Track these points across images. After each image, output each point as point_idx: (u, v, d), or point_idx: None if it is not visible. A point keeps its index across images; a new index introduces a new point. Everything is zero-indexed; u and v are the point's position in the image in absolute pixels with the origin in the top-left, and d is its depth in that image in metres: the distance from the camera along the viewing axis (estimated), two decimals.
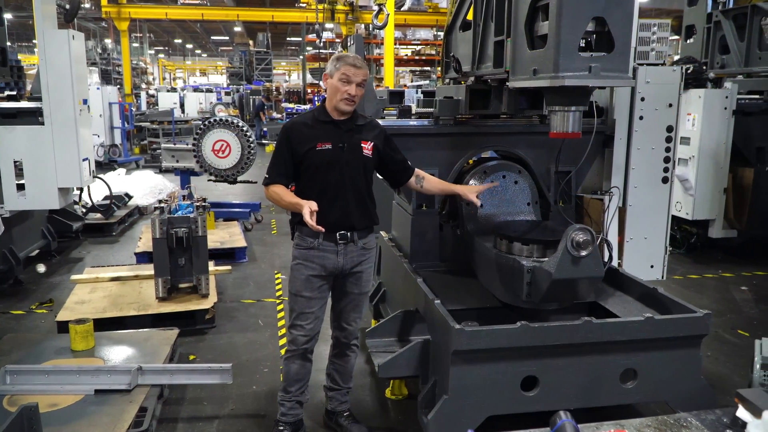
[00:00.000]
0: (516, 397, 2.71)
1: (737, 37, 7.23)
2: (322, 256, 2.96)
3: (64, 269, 6.22)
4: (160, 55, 49.25)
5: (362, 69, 2.91)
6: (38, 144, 5.13)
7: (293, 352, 3.08)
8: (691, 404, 2.62)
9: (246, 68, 30.19)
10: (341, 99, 2.89)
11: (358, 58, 2.94)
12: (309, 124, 2.98)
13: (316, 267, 2.98)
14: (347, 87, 2.87)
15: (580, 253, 2.70)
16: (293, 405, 3.14)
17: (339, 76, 2.87)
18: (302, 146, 2.92)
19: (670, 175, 3.88)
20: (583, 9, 2.57)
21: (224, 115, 7.86)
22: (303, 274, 2.99)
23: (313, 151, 2.91)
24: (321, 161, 2.91)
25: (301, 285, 3.00)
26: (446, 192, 3.34)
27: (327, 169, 2.92)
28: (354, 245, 3.01)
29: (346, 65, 2.88)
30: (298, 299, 3.02)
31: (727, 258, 6.62)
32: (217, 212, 7.76)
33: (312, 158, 2.91)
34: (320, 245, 2.95)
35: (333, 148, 2.92)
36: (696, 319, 2.78)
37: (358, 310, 3.20)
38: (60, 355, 3.72)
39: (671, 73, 3.80)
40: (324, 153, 2.91)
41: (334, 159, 2.92)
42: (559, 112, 2.85)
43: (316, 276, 2.99)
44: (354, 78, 2.87)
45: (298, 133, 2.95)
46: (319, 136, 2.93)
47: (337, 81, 2.88)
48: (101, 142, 13.39)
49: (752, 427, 0.96)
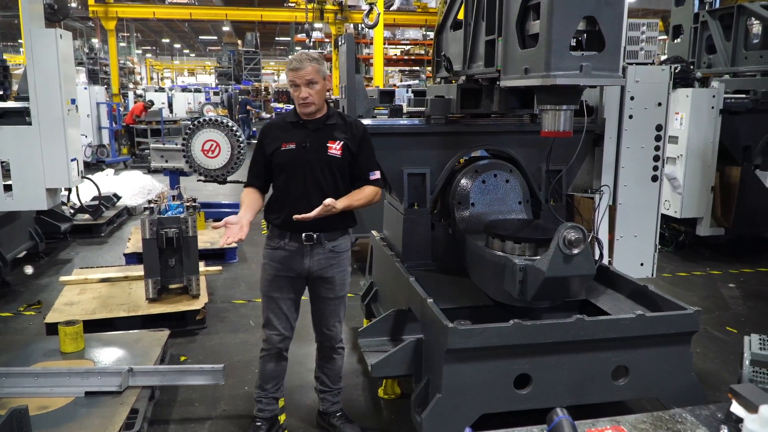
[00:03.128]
0: (509, 395, 2.72)
1: (723, 37, 7.31)
2: (288, 257, 2.95)
3: (53, 271, 6.16)
4: (147, 55, 48.92)
5: (304, 68, 2.83)
6: (25, 144, 5.08)
7: (268, 351, 3.09)
8: (681, 400, 2.64)
9: (234, 68, 30.06)
10: (298, 103, 2.92)
11: (298, 58, 2.89)
12: (281, 125, 3.02)
13: (282, 268, 2.97)
14: (297, 91, 2.88)
15: (571, 251, 2.72)
16: (270, 401, 3.17)
17: (289, 82, 2.91)
18: (271, 147, 2.95)
19: (659, 174, 3.91)
20: (574, 8, 2.58)
21: (214, 115, 7.82)
22: (270, 275, 2.99)
23: (278, 151, 2.92)
24: (284, 161, 2.92)
25: (269, 285, 3.01)
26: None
27: (290, 169, 2.92)
28: (321, 247, 2.96)
29: (288, 70, 2.90)
30: (266, 300, 3.04)
31: (715, 256, 6.69)
32: (207, 212, 7.72)
33: (277, 158, 2.94)
34: (286, 246, 2.94)
35: (296, 148, 2.91)
36: (686, 316, 2.81)
37: (336, 315, 3.15)
38: (49, 357, 3.68)
39: (660, 72, 3.83)
40: (286, 153, 2.91)
41: (297, 159, 2.91)
42: (550, 111, 2.86)
43: (283, 276, 2.98)
44: (298, 80, 2.85)
45: (270, 134, 3.00)
46: (286, 136, 2.95)
47: (291, 87, 2.91)
48: (89, 142, 13.29)
49: (749, 422, 0.96)
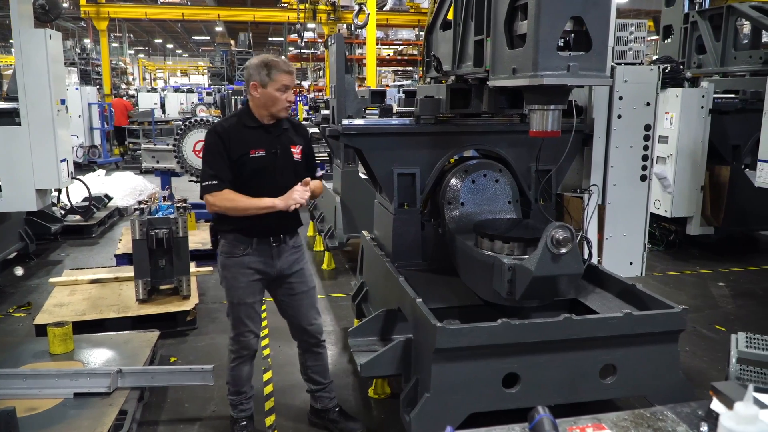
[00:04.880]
0: (497, 394, 2.73)
1: (713, 37, 7.35)
2: (258, 261, 2.97)
3: (43, 272, 6.13)
4: (140, 55, 48.75)
5: (294, 72, 2.90)
6: (15, 145, 5.06)
7: (242, 357, 3.09)
8: (669, 398, 2.65)
9: (227, 68, 29.96)
10: (282, 108, 2.87)
11: (287, 62, 2.89)
12: (239, 129, 2.90)
13: (252, 272, 2.98)
14: (286, 95, 2.85)
15: (559, 251, 2.73)
16: (248, 401, 3.20)
17: (276, 86, 2.83)
18: (235, 152, 2.85)
19: (648, 173, 3.93)
20: (561, 8, 2.59)
21: (205, 116, 7.80)
22: (242, 282, 2.98)
23: (247, 157, 2.85)
24: (255, 168, 2.87)
25: (243, 293, 2.99)
26: None
27: (261, 176, 2.88)
28: (285, 245, 3.03)
29: (283, 73, 2.83)
30: (242, 307, 3.01)
31: (705, 254, 6.73)
32: (198, 213, 7.70)
33: (246, 165, 2.86)
34: (254, 251, 2.95)
35: (267, 154, 2.89)
36: (673, 314, 2.83)
37: (314, 307, 3.20)
38: (38, 358, 3.67)
39: (648, 72, 3.85)
40: (258, 160, 2.87)
41: (269, 165, 2.89)
42: (538, 111, 2.87)
43: (256, 280, 3.01)
44: (291, 85, 2.87)
45: (232, 138, 2.86)
46: (251, 142, 2.88)
47: (275, 91, 2.83)
48: (81, 143, 13.24)
49: (724, 419, 0.97)
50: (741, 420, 0.95)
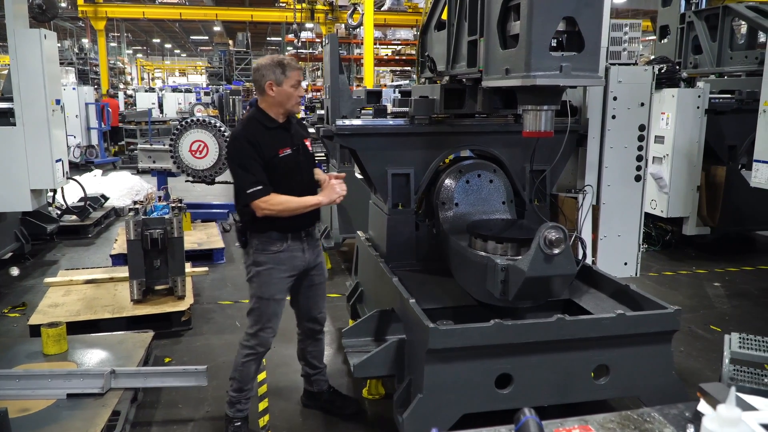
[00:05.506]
0: (490, 394, 2.72)
1: (709, 38, 7.36)
2: (291, 257, 3.05)
3: (38, 272, 6.12)
4: (138, 55, 48.70)
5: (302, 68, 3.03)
6: (10, 145, 5.04)
7: (258, 354, 3.14)
8: (663, 399, 2.64)
9: (226, 68, 29.95)
10: (295, 103, 3.00)
11: (295, 59, 3.06)
12: (262, 131, 2.97)
13: (287, 268, 3.06)
14: (299, 90, 2.98)
15: (552, 251, 2.73)
16: (248, 401, 3.22)
17: (291, 83, 2.94)
18: (267, 154, 2.92)
19: (642, 173, 3.93)
20: (554, 9, 2.59)
21: (201, 116, 7.80)
22: (276, 278, 3.04)
23: (277, 158, 2.95)
24: (286, 167, 2.97)
25: (275, 288, 3.06)
26: None
27: (292, 174, 2.99)
28: (312, 238, 3.16)
29: (295, 70, 2.96)
30: (271, 303, 3.07)
31: (701, 255, 6.73)
32: (195, 213, 7.70)
33: (277, 165, 2.95)
34: (289, 247, 3.02)
35: (292, 152, 3.00)
36: (667, 315, 2.82)
37: (324, 298, 3.39)
38: (32, 359, 3.66)
39: (643, 72, 3.84)
40: (288, 158, 2.98)
41: (296, 162, 3.02)
42: (531, 111, 2.87)
43: (289, 277, 3.08)
44: (302, 80, 3.01)
45: (260, 142, 2.93)
46: (278, 142, 2.97)
47: (289, 88, 2.94)
48: (78, 143, 13.22)
49: (706, 421, 0.97)
50: (723, 422, 0.94)
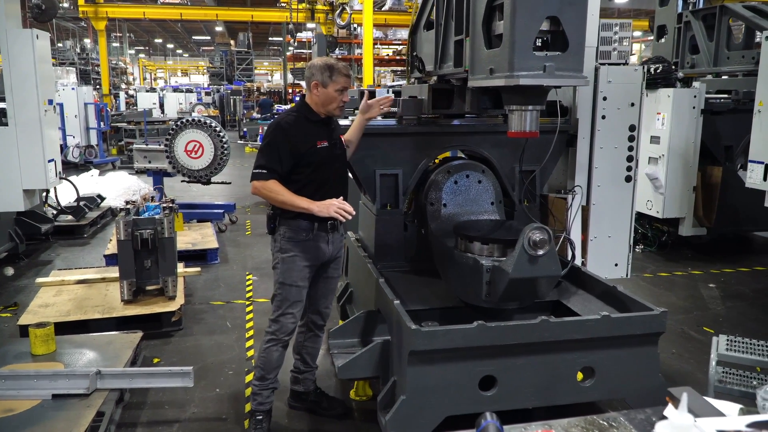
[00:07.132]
0: (474, 396, 2.70)
1: (706, 37, 7.33)
2: (316, 247, 3.11)
3: (32, 272, 6.11)
4: (140, 55, 48.78)
5: (351, 76, 3.17)
6: (2, 145, 5.06)
7: (278, 340, 3.15)
8: (648, 402, 2.59)
9: (227, 68, 29.99)
10: (337, 107, 3.07)
11: (347, 66, 3.15)
12: (302, 123, 3.08)
13: (311, 257, 3.11)
14: (343, 95, 3.06)
15: (537, 252, 2.71)
16: (269, 393, 3.21)
17: (337, 87, 3.02)
18: (303, 145, 3.01)
19: (633, 174, 3.90)
20: (537, 8, 2.58)
21: (197, 116, 7.79)
22: (299, 265, 3.10)
23: (315, 149, 3.04)
24: (321, 159, 3.06)
25: (297, 275, 3.10)
26: (359, 129, 3.38)
27: (326, 166, 3.08)
28: (337, 232, 3.19)
29: (343, 76, 3.04)
30: (293, 289, 3.11)
31: (697, 255, 6.69)
32: (190, 213, 7.68)
33: (312, 156, 3.03)
34: (315, 237, 3.08)
35: (329, 145, 3.09)
36: (652, 316, 2.80)
37: (334, 293, 3.43)
38: (19, 359, 3.65)
39: (633, 72, 3.82)
40: (323, 151, 3.07)
41: (331, 155, 3.10)
42: (516, 111, 2.86)
43: (311, 266, 3.13)
44: (348, 87, 3.08)
45: (297, 132, 3.03)
46: (315, 134, 3.06)
47: (333, 91, 3.03)
48: (77, 143, 13.23)
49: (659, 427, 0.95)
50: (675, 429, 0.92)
